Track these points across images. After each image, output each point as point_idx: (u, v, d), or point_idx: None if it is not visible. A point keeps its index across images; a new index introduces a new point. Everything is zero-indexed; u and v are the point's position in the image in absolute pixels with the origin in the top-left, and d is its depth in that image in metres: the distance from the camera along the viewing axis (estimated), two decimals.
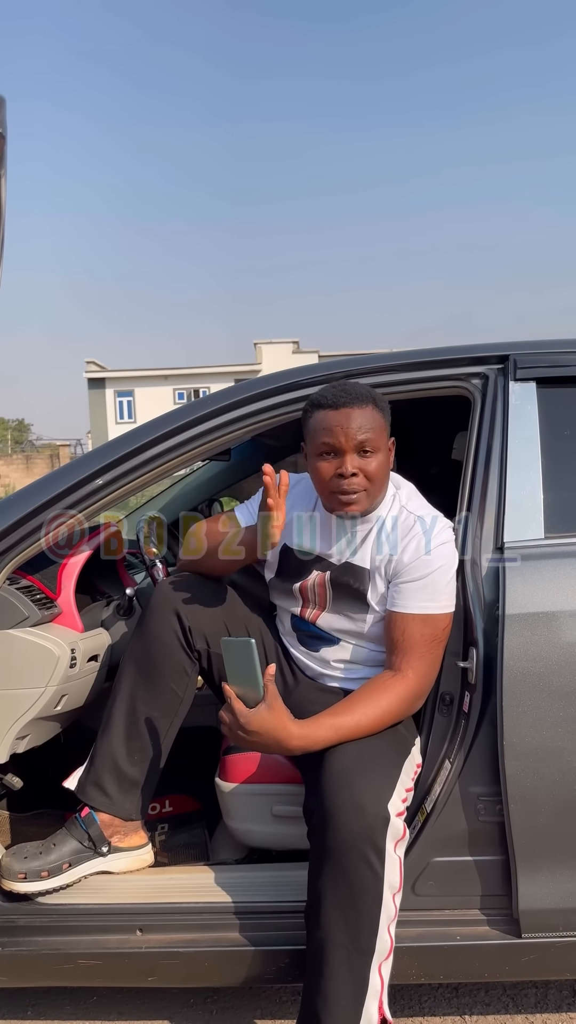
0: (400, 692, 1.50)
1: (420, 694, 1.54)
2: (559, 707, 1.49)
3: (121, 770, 1.65)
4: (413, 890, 1.56)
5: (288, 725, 1.42)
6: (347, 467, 1.52)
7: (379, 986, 1.38)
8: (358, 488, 1.53)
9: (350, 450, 1.52)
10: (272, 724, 1.40)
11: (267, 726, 1.40)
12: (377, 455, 1.54)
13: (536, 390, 1.70)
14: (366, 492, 1.54)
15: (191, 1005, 1.80)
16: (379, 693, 1.50)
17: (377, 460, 1.54)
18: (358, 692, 1.52)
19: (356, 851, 1.35)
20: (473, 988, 1.84)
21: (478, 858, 1.56)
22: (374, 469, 1.53)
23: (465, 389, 1.73)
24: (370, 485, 1.54)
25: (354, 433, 1.51)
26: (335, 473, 1.53)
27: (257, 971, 1.57)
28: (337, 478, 1.53)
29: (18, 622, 1.68)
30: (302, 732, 1.43)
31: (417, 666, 1.52)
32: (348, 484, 1.52)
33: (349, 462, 1.52)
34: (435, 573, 1.53)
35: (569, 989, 1.83)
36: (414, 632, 1.52)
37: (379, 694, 1.50)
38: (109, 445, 1.70)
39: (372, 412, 1.54)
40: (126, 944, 1.57)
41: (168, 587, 1.69)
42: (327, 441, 1.53)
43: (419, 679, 1.52)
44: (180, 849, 1.97)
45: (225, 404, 1.70)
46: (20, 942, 1.58)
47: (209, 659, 1.68)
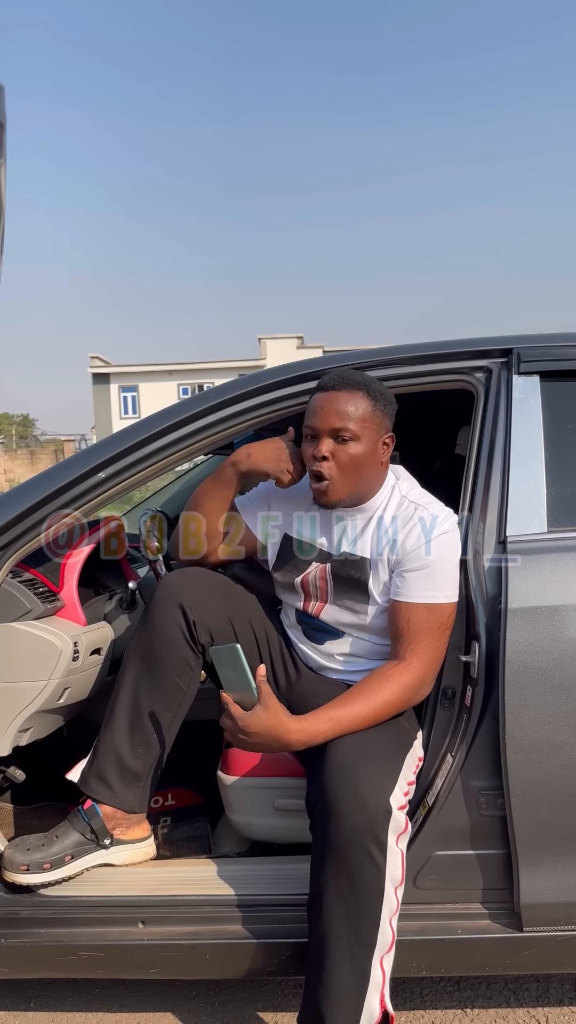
0: (403, 681, 1.50)
1: (424, 683, 1.53)
2: (561, 701, 1.49)
3: (124, 763, 1.65)
4: (415, 883, 1.56)
5: (285, 722, 1.42)
6: (319, 449, 1.54)
7: (380, 979, 1.38)
8: (326, 474, 1.55)
9: (324, 433, 1.55)
10: (269, 723, 1.41)
11: (265, 726, 1.41)
12: (354, 444, 1.54)
13: (540, 384, 1.69)
14: (334, 481, 1.55)
15: (193, 997, 1.81)
16: (381, 684, 1.50)
17: (353, 449, 1.54)
18: (360, 684, 1.52)
19: (358, 844, 1.35)
20: (475, 982, 1.84)
21: (480, 852, 1.56)
22: (345, 457, 1.54)
23: (468, 383, 1.73)
24: (338, 474, 1.55)
25: (330, 418, 1.53)
26: (310, 455, 1.57)
27: (259, 964, 1.57)
28: (311, 460, 1.57)
29: (21, 615, 1.68)
30: (300, 727, 1.43)
31: (422, 654, 1.51)
32: (317, 467, 1.55)
33: (322, 445, 1.54)
34: (438, 561, 1.53)
35: (571, 983, 1.83)
36: (419, 620, 1.52)
37: (381, 685, 1.49)
38: (111, 439, 1.70)
39: (360, 399, 1.55)
40: (128, 936, 1.58)
41: (172, 581, 1.70)
42: (308, 423, 1.58)
43: (423, 668, 1.51)
44: (182, 842, 1.97)
45: (227, 398, 1.69)
46: (23, 934, 1.59)
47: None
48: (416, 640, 1.51)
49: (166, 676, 1.66)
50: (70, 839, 1.63)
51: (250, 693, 1.42)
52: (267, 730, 1.41)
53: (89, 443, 31.51)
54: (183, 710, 1.70)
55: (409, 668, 1.51)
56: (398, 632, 1.54)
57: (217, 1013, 1.76)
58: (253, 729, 1.41)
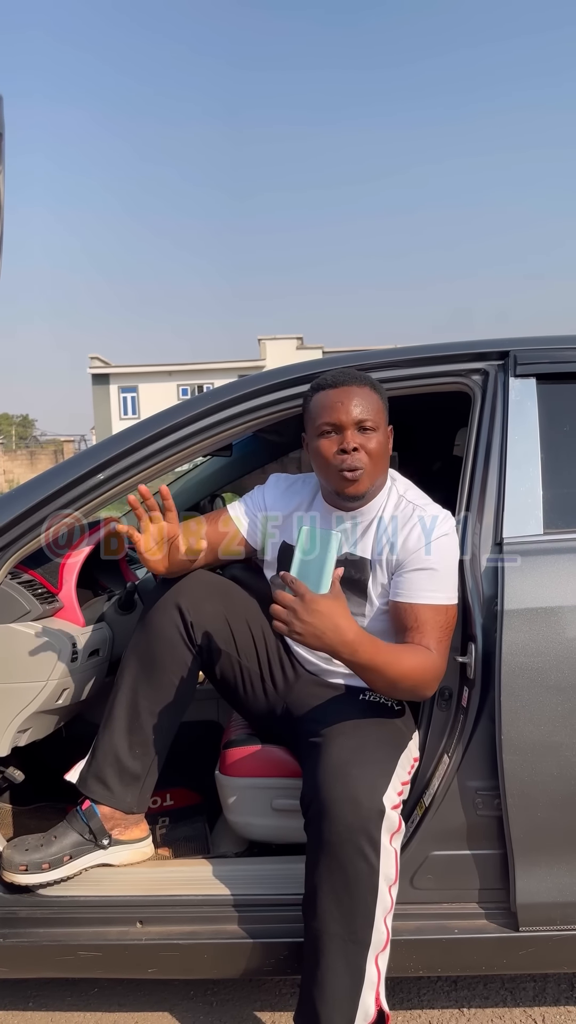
0: (427, 661, 1.47)
1: (438, 675, 1.50)
2: (557, 702, 1.50)
3: (123, 763, 1.66)
4: (411, 883, 1.57)
5: (349, 616, 1.37)
6: (348, 442, 1.55)
7: (375, 977, 1.39)
8: (360, 464, 1.55)
9: (350, 426, 1.56)
10: (336, 611, 1.35)
11: (331, 612, 1.34)
12: (377, 433, 1.57)
13: (536, 386, 1.70)
14: (366, 470, 1.56)
15: (191, 997, 1.82)
16: (412, 651, 1.47)
17: (377, 438, 1.57)
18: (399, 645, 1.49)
19: (351, 843, 1.35)
20: (471, 981, 1.85)
21: (476, 852, 1.57)
22: (374, 446, 1.57)
23: (465, 385, 1.74)
24: (370, 463, 1.56)
25: (353, 409, 1.55)
26: (337, 449, 1.56)
27: (256, 963, 1.58)
28: (339, 454, 1.56)
29: (19, 616, 1.69)
30: (358, 631, 1.38)
31: (436, 646, 1.49)
32: (351, 459, 1.55)
33: (351, 437, 1.55)
34: (440, 563, 1.54)
35: (567, 982, 1.84)
36: (427, 618, 1.51)
37: (412, 652, 1.47)
38: (111, 440, 1.71)
39: (370, 393, 1.59)
40: (126, 936, 1.59)
41: (170, 582, 1.70)
42: (327, 420, 1.57)
43: (441, 658, 1.49)
44: (180, 842, 1.98)
45: (227, 399, 1.70)
46: (21, 933, 1.59)
47: (210, 654, 1.69)
48: (427, 633, 1.50)
49: (164, 677, 1.66)
50: (68, 839, 1.64)
51: (318, 587, 1.36)
52: (331, 616, 1.34)
53: (89, 443, 31.54)
54: (181, 711, 1.71)
55: (431, 653, 1.48)
56: (406, 628, 1.52)
57: (215, 1012, 1.77)
58: (320, 608, 1.33)
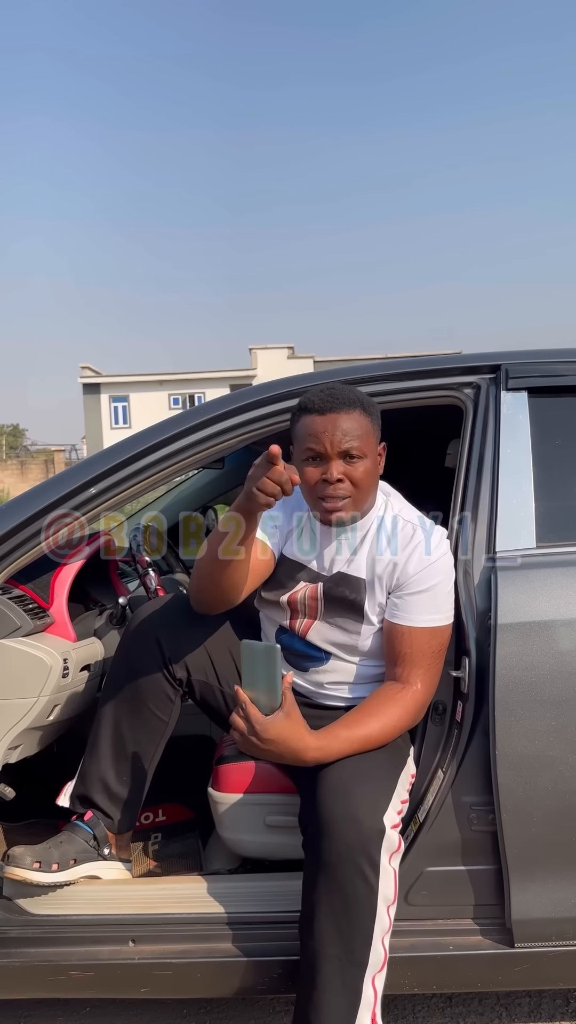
0: (409, 705, 1.50)
1: (426, 705, 1.53)
2: (551, 716, 1.49)
3: (111, 790, 1.67)
4: (406, 900, 1.56)
5: (306, 736, 1.39)
6: (332, 473, 1.50)
7: (372, 998, 1.37)
8: (343, 494, 1.51)
9: (335, 456, 1.51)
10: (290, 733, 1.37)
11: (285, 734, 1.37)
12: (364, 460, 1.52)
13: (528, 399, 1.70)
14: (351, 499, 1.52)
15: (184, 1016, 1.80)
16: (390, 706, 1.49)
17: (364, 466, 1.52)
18: (368, 703, 1.51)
19: (351, 863, 1.34)
20: (467, 998, 1.84)
21: (471, 867, 1.56)
22: (360, 475, 1.52)
23: (457, 399, 1.74)
24: (355, 491, 1.52)
25: (339, 439, 1.50)
26: (320, 478, 1.52)
27: (250, 982, 1.56)
28: (322, 483, 1.52)
29: (10, 632, 1.67)
30: (319, 744, 1.41)
31: (425, 678, 1.51)
32: (333, 490, 1.51)
33: (334, 468, 1.50)
34: (439, 584, 1.54)
35: (562, 998, 1.83)
36: (422, 644, 1.52)
37: (390, 707, 1.49)
38: (103, 454, 1.70)
39: (359, 417, 1.52)
40: (119, 955, 1.57)
41: (148, 612, 1.68)
42: (312, 447, 1.52)
43: (427, 690, 1.52)
44: (173, 859, 1.95)
45: (220, 413, 1.70)
46: (12, 953, 1.58)
47: (191, 686, 1.68)
48: (419, 664, 1.51)
49: (146, 709, 1.66)
50: (74, 845, 1.63)
51: (273, 698, 1.37)
52: (285, 740, 1.37)
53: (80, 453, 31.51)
54: (165, 737, 1.71)
55: (415, 691, 1.50)
56: (399, 655, 1.53)
57: None
58: (271, 735, 1.36)
